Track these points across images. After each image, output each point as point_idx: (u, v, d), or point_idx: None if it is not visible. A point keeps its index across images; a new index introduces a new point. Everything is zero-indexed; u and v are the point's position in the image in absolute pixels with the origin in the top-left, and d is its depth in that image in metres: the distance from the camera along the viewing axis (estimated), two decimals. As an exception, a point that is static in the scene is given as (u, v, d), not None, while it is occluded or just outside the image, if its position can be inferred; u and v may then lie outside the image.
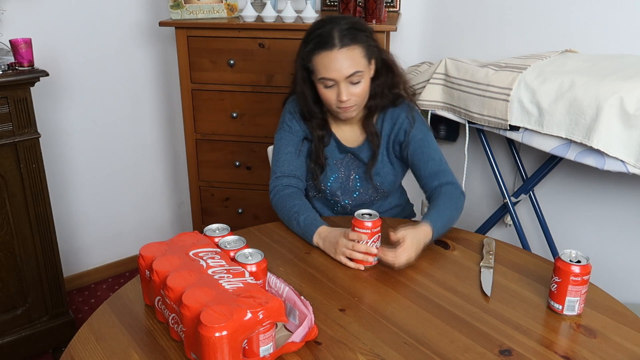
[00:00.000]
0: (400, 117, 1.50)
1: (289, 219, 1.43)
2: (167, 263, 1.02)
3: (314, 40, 1.42)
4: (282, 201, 1.47)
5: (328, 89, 1.42)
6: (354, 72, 1.38)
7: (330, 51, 1.38)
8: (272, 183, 1.52)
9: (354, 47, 1.39)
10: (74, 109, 2.32)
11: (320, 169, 1.55)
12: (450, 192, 1.43)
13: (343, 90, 1.40)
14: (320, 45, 1.40)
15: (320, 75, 1.41)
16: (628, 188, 1.84)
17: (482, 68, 1.77)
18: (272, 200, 1.51)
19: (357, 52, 1.40)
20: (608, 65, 1.64)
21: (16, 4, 2.04)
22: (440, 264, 1.28)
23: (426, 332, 1.04)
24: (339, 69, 1.38)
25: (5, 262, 1.84)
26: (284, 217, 1.46)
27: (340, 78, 1.39)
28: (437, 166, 1.47)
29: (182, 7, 2.05)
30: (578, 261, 1.06)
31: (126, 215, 2.62)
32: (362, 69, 1.40)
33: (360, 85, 1.42)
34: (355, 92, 1.41)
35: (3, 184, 1.78)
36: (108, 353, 0.98)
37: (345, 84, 1.40)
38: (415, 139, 1.48)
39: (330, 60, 1.38)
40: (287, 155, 1.53)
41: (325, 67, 1.39)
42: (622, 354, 0.98)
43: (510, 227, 2.17)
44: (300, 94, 1.50)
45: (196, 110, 2.16)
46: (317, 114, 1.52)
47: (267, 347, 0.93)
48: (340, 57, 1.38)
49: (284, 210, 1.45)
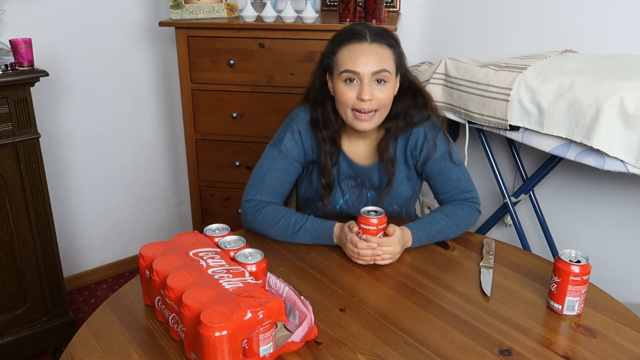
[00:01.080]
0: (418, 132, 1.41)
1: (292, 231, 1.34)
2: (167, 263, 1.02)
3: (342, 35, 1.33)
4: (269, 218, 1.35)
5: (348, 85, 1.30)
6: (381, 69, 1.28)
7: (360, 44, 1.29)
8: (248, 202, 1.39)
9: (385, 47, 1.31)
10: (74, 109, 2.32)
11: (329, 190, 1.44)
12: (456, 208, 1.39)
13: (366, 88, 1.28)
14: (349, 38, 1.31)
15: (344, 67, 1.29)
16: (628, 188, 1.84)
17: (482, 68, 1.77)
18: (254, 218, 1.37)
19: (387, 53, 1.31)
20: (608, 65, 1.64)
21: (16, 4, 2.04)
22: (440, 264, 1.28)
23: (426, 332, 1.04)
24: (367, 62, 1.27)
25: (5, 262, 1.84)
26: (280, 232, 1.35)
27: (366, 72, 1.27)
28: (455, 187, 1.42)
29: (182, 7, 2.05)
30: (578, 261, 1.06)
31: (126, 215, 2.62)
32: (390, 69, 1.30)
33: (385, 89, 1.30)
34: (379, 95, 1.30)
35: (3, 184, 1.78)
36: (108, 353, 0.98)
37: (369, 82, 1.28)
38: (433, 159, 1.41)
39: (359, 52, 1.28)
40: (273, 180, 1.40)
41: (352, 59, 1.28)
42: (622, 354, 0.98)
43: (510, 227, 2.17)
44: (318, 101, 1.39)
45: (196, 110, 2.16)
46: (333, 124, 1.39)
47: (267, 347, 0.93)
48: (371, 50, 1.29)
49: (277, 225, 1.34)
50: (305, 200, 1.56)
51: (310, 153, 1.45)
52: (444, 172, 1.42)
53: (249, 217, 1.39)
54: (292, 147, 1.42)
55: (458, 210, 1.39)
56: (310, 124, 1.42)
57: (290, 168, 1.43)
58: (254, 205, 1.39)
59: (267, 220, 1.36)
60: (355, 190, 1.48)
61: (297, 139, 1.42)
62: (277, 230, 1.35)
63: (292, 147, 1.42)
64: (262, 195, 1.40)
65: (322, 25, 1.99)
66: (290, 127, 1.43)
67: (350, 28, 1.35)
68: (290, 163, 1.42)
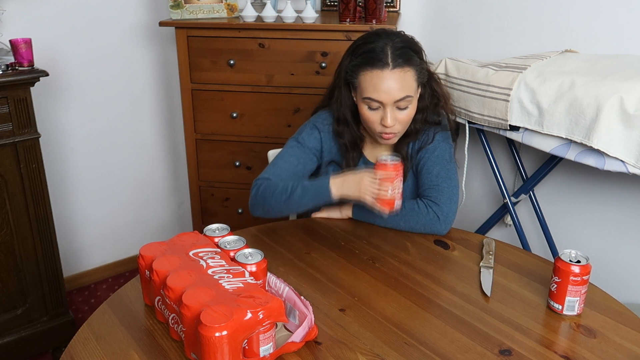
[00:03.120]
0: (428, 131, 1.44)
1: (289, 194, 1.33)
2: (167, 263, 1.02)
3: (364, 55, 1.31)
4: (270, 187, 1.36)
5: (372, 110, 1.33)
6: (404, 96, 1.30)
7: (381, 71, 1.28)
8: (256, 182, 1.41)
9: (407, 70, 1.30)
10: (74, 109, 2.32)
11: None
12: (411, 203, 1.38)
13: (389, 115, 1.30)
14: (369, 62, 1.30)
15: (366, 95, 1.31)
16: (628, 188, 1.84)
17: (482, 68, 1.77)
18: (255, 194, 1.38)
19: (409, 75, 1.31)
20: (608, 65, 1.64)
21: (16, 4, 2.04)
22: (440, 264, 1.28)
23: (426, 332, 1.04)
24: (389, 91, 1.28)
25: (5, 262, 1.85)
26: (277, 199, 1.34)
27: (388, 101, 1.30)
28: (428, 180, 1.40)
29: (182, 7, 2.05)
30: (578, 261, 1.06)
31: (126, 215, 2.62)
32: (412, 93, 1.32)
33: (407, 110, 1.33)
34: (401, 117, 1.33)
35: (3, 184, 1.78)
36: (108, 353, 0.98)
37: (392, 108, 1.31)
38: (424, 149, 1.43)
39: (381, 80, 1.28)
40: (285, 164, 1.43)
41: (374, 87, 1.29)
42: (622, 354, 0.98)
43: (510, 227, 2.17)
44: (340, 109, 1.41)
45: (196, 110, 2.16)
46: (355, 132, 1.43)
47: (267, 347, 0.93)
48: (392, 78, 1.28)
49: (275, 192, 1.34)
50: None
51: (328, 153, 1.48)
52: (427, 165, 1.42)
53: (252, 193, 1.40)
54: (309, 139, 1.45)
55: (412, 205, 1.38)
56: (333, 131, 1.45)
57: (304, 157, 1.45)
58: (259, 182, 1.40)
59: (266, 191, 1.37)
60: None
61: (315, 135, 1.46)
62: (274, 197, 1.35)
63: (310, 140, 1.45)
64: (270, 175, 1.41)
65: (322, 25, 1.99)
66: (311, 123, 1.48)
67: (371, 46, 1.32)
68: (305, 153, 1.45)
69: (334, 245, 1.34)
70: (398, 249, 1.33)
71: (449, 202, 1.38)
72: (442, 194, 1.39)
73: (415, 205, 1.39)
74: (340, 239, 1.38)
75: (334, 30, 1.97)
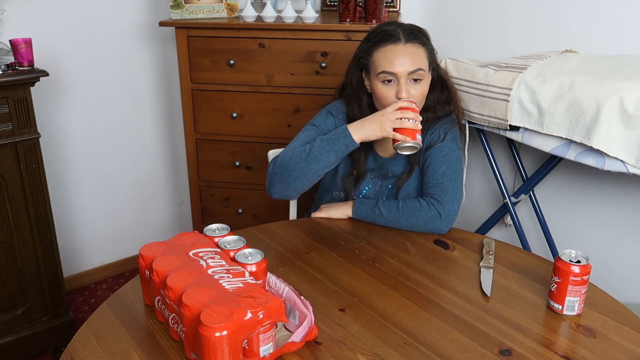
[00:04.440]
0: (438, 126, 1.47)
1: (307, 153, 1.34)
2: (167, 263, 1.02)
3: (377, 36, 1.39)
4: (286, 157, 1.37)
5: (386, 86, 1.37)
6: (417, 68, 1.35)
7: (395, 44, 1.35)
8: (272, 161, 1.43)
9: (419, 46, 1.37)
10: (74, 109, 2.32)
11: (358, 181, 1.49)
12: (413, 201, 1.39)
13: (403, 87, 1.35)
14: (384, 39, 1.37)
15: (381, 69, 1.36)
16: (628, 188, 1.84)
17: (482, 68, 1.77)
18: (273, 168, 1.39)
19: (421, 51, 1.38)
20: (608, 65, 1.64)
21: (16, 4, 2.04)
22: (440, 264, 1.28)
23: (426, 332, 1.04)
24: (403, 63, 1.34)
25: (5, 262, 1.85)
26: (295, 164, 1.35)
27: (403, 73, 1.35)
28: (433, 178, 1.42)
29: (182, 7, 2.05)
30: (578, 261, 1.06)
31: (126, 215, 2.62)
32: (424, 67, 1.38)
33: (421, 86, 1.38)
34: (415, 93, 1.37)
35: (3, 184, 1.78)
36: (108, 353, 0.98)
37: (406, 81, 1.35)
38: (433, 147, 1.45)
39: (395, 53, 1.35)
40: (300, 143, 1.44)
41: (389, 61, 1.35)
42: (622, 354, 0.98)
43: (510, 227, 2.17)
44: (355, 98, 1.46)
45: (196, 110, 2.16)
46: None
47: (267, 347, 0.93)
48: (406, 51, 1.35)
49: (293, 158, 1.35)
50: (325, 189, 1.60)
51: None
52: (434, 163, 1.44)
53: (269, 170, 1.41)
54: (324, 123, 1.48)
55: (414, 203, 1.40)
56: (347, 120, 1.48)
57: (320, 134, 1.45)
58: (275, 159, 1.41)
59: (284, 159, 1.38)
60: (377, 180, 1.52)
61: (330, 120, 1.49)
62: (294, 161, 1.36)
63: (325, 123, 1.48)
64: (286, 151, 1.42)
65: (322, 25, 1.99)
66: (325, 110, 1.51)
67: (383, 29, 1.40)
68: (321, 133, 1.45)
69: (334, 245, 1.34)
70: (398, 249, 1.33)
71: (451, 201, 1.39)
72: (445, 193, 1.40)
73: (417, 203, 1.40)
74: (340, 239, 1.38)
75: (334, 30, 1.97)
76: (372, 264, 1.26)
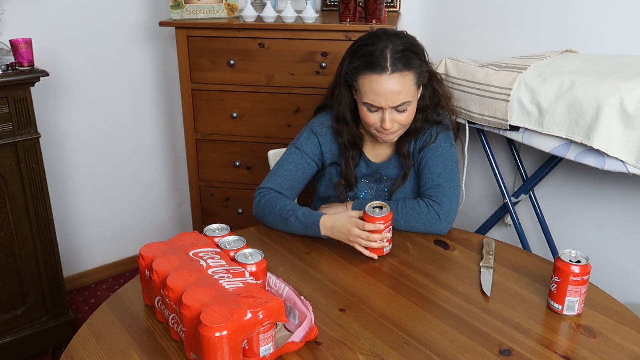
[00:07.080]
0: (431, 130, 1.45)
1: (284, 217, 1.37)
2: (167, 263, 1.02)
3: (363, 58, 1.32)
4: (270, 203, 1.41)
5: (371, 112, 1.35)
6: (402, 102, 1.31)
7: (380, 75, 1.29)
8: (258, 190, 1.47)
9: (406, 73, 1.30)
10: (74, 109, 2.32)
11: (349, 189, 1.48)
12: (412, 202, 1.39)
13: (387, 118, 1.32)
14: (368, 66, 1.30)
15: (365, 99, 1.33)
16: (628, 188, 1.84)
17: (482, 68, 1.77)
18: (257, 204, 1.44)
19: (408, 79, 1.31)
20: (608, 65, 1.64)
21: (16, 4, 2.04)
22: (440, 264, 1.28)
23: (426, 332, 1.04)
24: (387, 97, 1.30)
25: (5, 262, 1.85)
26: (275, 218, 1.39)
27: (386, 106, 1.31)
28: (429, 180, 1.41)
29: (182, 7, 2.05)
30: (578, 261, 1.06)
31: (126, 215, 2.62)
32: (411, 98, 1.33)
33: (406, 113, 1.35)
34: (400, 119, 1.34)
35: (3, 184, 1.78)
36: (108, 353, 0.98)
37: (391, 111, 1.32)
38: (426, 149, 1.44)
39: (379, 85, 1.29)
40: (285, 172, 1.47)
41: (373, 92, 1.30)
42: (622, 354, 0.98)
43: (510, 227, 2.17)
44: (340, 108, 1.43)
45: (196, 110, 2.16)
46: (354, 131, 1.45)
47: (267, 347, 0.93)
48: (390, 84, 1.29)
49: (274, 211, 1.39)
50: (325, 199, 1.59)
51: (329, 155, 1.49)
52: (429, 164, 1.43)
53: (255, 203, 1.45)
54: (307, 145, 1.48)
55: (413, 204, 1.39)
56: (333, 130, 1.47)
57: (303, 163, 1.48)
58: (261, 193, 1.46)
59: (267, 205, 1.42)
60: (373, 185, 1.52)
61: (313, 140, 1.48)
62: (273, 215, 1.40)
63: (307, 145, 1.48)
64: (272, 184, 1.47)
65: (322, 25, 1.99)
66: (308, 128, 1.50)
67: (369, 50, 1.32)
68: (304, 159, 1.48)
69: (334, 245, 1.34)
70: (398, 249, 1.33)
71: (450, 201, 1.39)
72: (443, 194, 1.39)
73: (416, 205, 1.39)
74: (340, 239, 1.38)
75: (334, 30, 1.97)
76: (372, 264, 1.26)
